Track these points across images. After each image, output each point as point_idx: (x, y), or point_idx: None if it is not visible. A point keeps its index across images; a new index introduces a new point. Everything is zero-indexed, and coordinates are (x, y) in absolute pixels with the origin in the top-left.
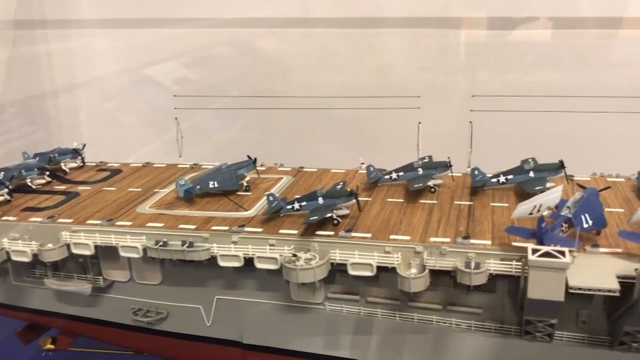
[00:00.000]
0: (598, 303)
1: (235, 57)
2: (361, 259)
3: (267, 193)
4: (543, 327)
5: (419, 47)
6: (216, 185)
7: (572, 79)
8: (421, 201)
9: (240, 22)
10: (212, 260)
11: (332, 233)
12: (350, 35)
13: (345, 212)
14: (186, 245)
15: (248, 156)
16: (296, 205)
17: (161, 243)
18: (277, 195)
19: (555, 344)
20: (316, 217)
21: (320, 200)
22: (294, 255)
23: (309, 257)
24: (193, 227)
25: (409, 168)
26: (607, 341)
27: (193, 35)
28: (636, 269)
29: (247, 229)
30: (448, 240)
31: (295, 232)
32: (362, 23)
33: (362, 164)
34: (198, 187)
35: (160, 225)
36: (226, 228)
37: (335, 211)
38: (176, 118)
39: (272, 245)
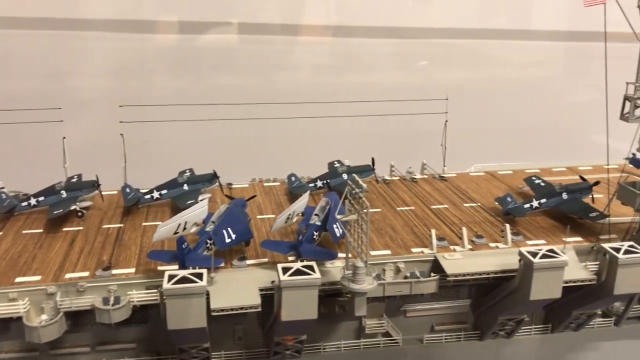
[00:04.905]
0: (252, 317)
1: None
2: None
3: None
4: (197, 352)
5: (97, 52)
6: None
7: (251, 82)
8: (64, 229)
9: None
10: None
11: None
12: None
13: None
14: None
15: None
16: None
17: None
18: None
19: None
20: None
21: None
22: None
23: None
24: None
25: (50, 191)
26: (264, 353)
27: None
28: (273, 281)
29: None
30: (87, 274)
31: None
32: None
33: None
34: None
35: None
36: None
37: None
38: None
39: None
